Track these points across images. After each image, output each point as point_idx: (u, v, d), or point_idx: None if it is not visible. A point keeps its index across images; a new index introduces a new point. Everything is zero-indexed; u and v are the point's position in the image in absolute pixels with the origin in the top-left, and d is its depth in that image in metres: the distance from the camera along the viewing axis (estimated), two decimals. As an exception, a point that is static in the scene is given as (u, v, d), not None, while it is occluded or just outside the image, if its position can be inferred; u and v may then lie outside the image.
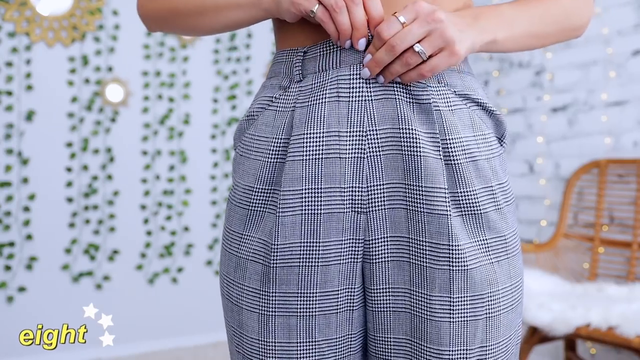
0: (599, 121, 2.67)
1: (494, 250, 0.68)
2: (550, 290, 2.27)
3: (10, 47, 2.82)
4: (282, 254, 0.67)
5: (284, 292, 0.68)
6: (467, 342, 0.66)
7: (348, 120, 0.66)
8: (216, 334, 3.34)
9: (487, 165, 0.69)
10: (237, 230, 0.72)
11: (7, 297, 2.78)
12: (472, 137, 0.69)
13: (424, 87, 0.67)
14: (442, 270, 0.65)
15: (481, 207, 0.67)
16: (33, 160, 2.86)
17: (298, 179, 0.66)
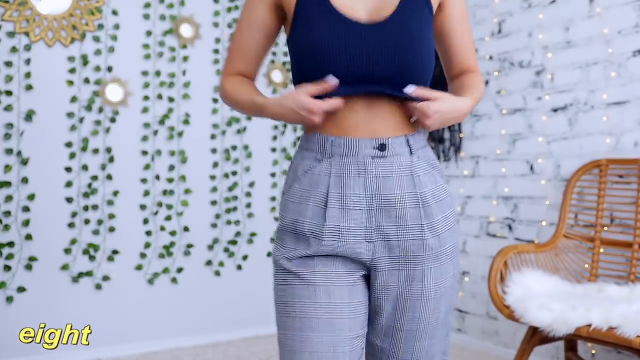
0: (600, 121, 2.67)
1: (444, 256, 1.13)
2: (550, 291, 2.27)
3: (9, 46, 2.81)
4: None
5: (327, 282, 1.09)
6: (435, 310, 1.11)
7: (365, 187, 1.07)
8: (216, 334, 3.34)
9: (445, 202, 1.13)
10: (289, 245, 1.11)
11: (6, 297, 2.78)
12: (435, 187, 1.11)
13: (408, 162, 1.09)
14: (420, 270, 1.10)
15: (439, 230, 1.11)
16: (32, 160, 2.86)
17: (336, 218, 1.07)
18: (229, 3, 3.43)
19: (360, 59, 1.03)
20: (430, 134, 3.54)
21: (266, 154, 3.54)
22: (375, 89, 1.05)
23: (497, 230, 3.14)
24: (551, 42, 2.89)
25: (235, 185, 3.41)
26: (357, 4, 1.08)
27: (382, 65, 1.03)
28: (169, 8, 3.23)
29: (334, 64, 1.03)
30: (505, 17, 3.14)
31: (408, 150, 1.09)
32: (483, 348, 3.16)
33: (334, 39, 1.03)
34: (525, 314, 2.07)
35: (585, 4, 2.74)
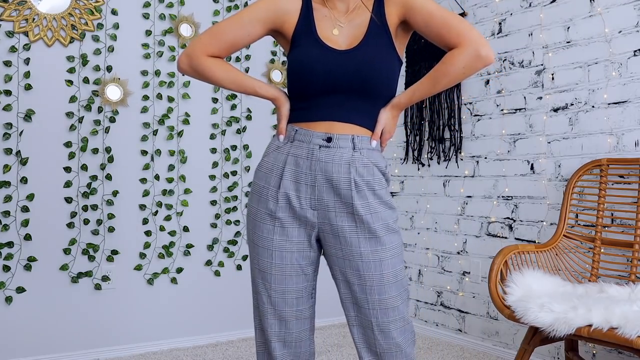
0: (600, 121, 2.66)
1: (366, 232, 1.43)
2: (551, 291, 2.26)
3: (8, 46, 2.81)
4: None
5: (282, 239, 1.46)
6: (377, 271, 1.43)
7: (311, 168, 1.43)
8: (215, 334, 3.33)
9: (379, 192, 1.44)
10: (254, 205, 1.49)
11: (5, 298, 2.77)
12: (372, 178, 1.44)
13: (349, 155, 1.43)
14: (355, 237, 1.42)
15: (372, 209, 1.42)
16: (32, 160, 2.85)
17: (287, 187, 1.44)
18: (229, 2, 3.42)
19: (333, 75, 1.41)
20: (430, 134, 3.54)
21: (266, 154, 3.53)
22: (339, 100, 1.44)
23: (497, 230, 3.13)
24: (552, 41, 2.88)
25: (235, 185, 3.41)
26: (336, 38, 1.46)
27: (348, 79, 1.41)
28: (169, 7, 3.22)
29: (315, 77, 1.42)
30: (505, 16, 3.13)
31: (351, 146, 1.43)
32: (483, 348, 3.15)
33: (316, 60, 1.42)
34: (525, 314, 2.07)
35: (585, 4, 2.74)
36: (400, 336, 1.42)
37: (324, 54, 1.43)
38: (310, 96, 1.44)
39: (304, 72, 1.43)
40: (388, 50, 1.45)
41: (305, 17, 1.48)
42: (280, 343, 1.48)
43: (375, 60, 1.41)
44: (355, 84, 1.41)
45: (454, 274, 3.39)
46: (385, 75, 1.43)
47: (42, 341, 2.85)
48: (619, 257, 2.47)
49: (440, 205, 3.50)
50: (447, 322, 3.42)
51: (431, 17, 1.40)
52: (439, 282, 3.49)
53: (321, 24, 1.48)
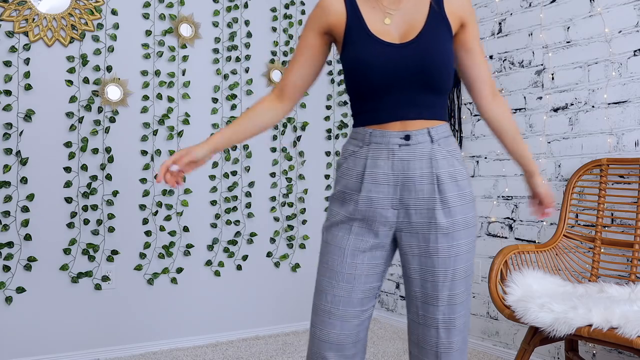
0: (601, 121, 2.66)
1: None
2: (551, 291, 2.26)
3: (8, 46, 2.81)
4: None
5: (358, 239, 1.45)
6: (452, 267, 1.41)
7: (393, 168, 1.40)
8: (215, 334, 3.33)
9: (461, 182, 1.43)
10: (335, 209, 1.48)
11: (5, 298, 2.77)
12: (453, 169, 1.42)
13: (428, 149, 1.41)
14: (434, 234, 1.40)
15: (451, 204, 1.40)
16: (32, 160, 2.85)
17: (369, 191, 1.42)
18: (229, 2, 3.42)
19: (393, 70, 1.38)
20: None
21: (266, 154, 3.53)
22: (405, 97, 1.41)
23: (497, 230, 3.13)
24: (552, 41, 2.88)
25: (235, 185, 3.41)
26: (389, 28, 1.42)
27: (411, 74, 1.37)
28: (169, 7, 3.22)
29: (373, 74, 1.38)
30: (505, 16, 3.13)
31: (429, 139, 1.40)
32: (483, 348, 3.15)
33: (372, 56, 1.39)
34: (525, 314, 2.07)
35: (585, 4, 2.74)
36: (459, 335, 1.42)
37: (380, 49, 1.39)
38: (373, 95, 1.41)
39: (360, 71, 1.40)
40: (447, 41, 1.43)
41: (352, 13, 1.44)
42: (332, 353, 1.43)
43: (435, 52, 1.39)
44: (418, 78, 1.38)
45: (454, 274, 3.39)
46: (446, 66, 1.40)
47: (42, 341, 2.85)
48: (619, 257, 2.47)
49: (440, 205, 3.49)
50: (447, 322, 3.42)
51: (475, 50, 1.48)
52: (439, 282, 3.48)
53: (370, 16, 1.43)
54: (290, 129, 3.62)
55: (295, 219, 3.62)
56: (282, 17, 3.61)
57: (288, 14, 3.63)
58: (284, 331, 3.55)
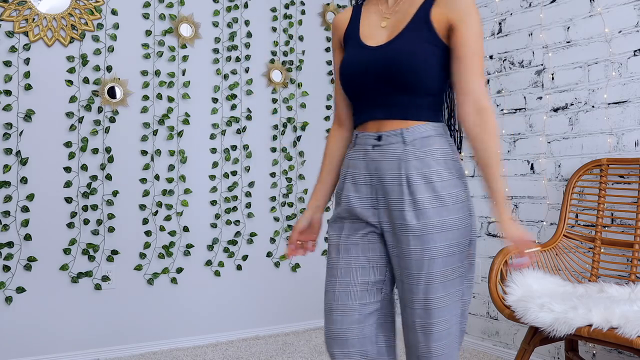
0: (601, 121, 2.66)
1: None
2: (551, 291, 2.26)
3: (8, 46, 2.81)
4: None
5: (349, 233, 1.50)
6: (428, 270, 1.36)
7: (367, 168, 1.43)
8: (215, 334, 3.33)
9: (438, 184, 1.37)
10: (334, 209, 1.54)
11: (5, 298, 2.77)
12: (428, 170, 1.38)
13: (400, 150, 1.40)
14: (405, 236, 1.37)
15: (422, 206, 1.36)
16: (32, 160, 2.85)
17: (348, 190, 1.46)
18: (229, 2, 3.42)
19: (366, 72, 1.41)
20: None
21: (266, 154, 3.53)
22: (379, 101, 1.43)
23: (497, 230, 3.13)
24: (552, 41, 2.88)
25: (235, 185, 3.41)
26: (374, 35, 1.46)
27: (380, 74, 1.39)
28: (169, 7, 3.22)
29: (352, 77, 1.44)
30: (505, 16, 3.13)
31: (401, 140, 1.39)
32: (483, 348, 3.15)
33: (350, 60, 1.46)
34: (525, 314, 2.07)
35: (585, 4, 2.74)
36: (439, 341, 1.37)
37: (360, 53, 1.43)
38: (356, 98, 1.46)
39: (343, 75, 1.46)
40: (426, 43, 1.39)
41: (352, 23, 1.52)
42: (337, 349, 1.43)
43: (407, 53, 1.37)
44: (387, 78, 1.38)
45: (454, 274, 3.39)
46: (419, 67, 1.37)
47: (42, 341, 2.85)
48: (619, 257, 2.47)
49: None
50: (447, 322, 3.42)
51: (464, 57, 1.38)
52: (439, 282, 3.48)
53: (367, 21, 1.49)
54: (290, 129, 3.62)
55: (295, 219, 3.62)
56: (282, 17, 3.61)
57: (288, 14, 3.63)
58: (284, 331, 3.55)
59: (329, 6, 3.76)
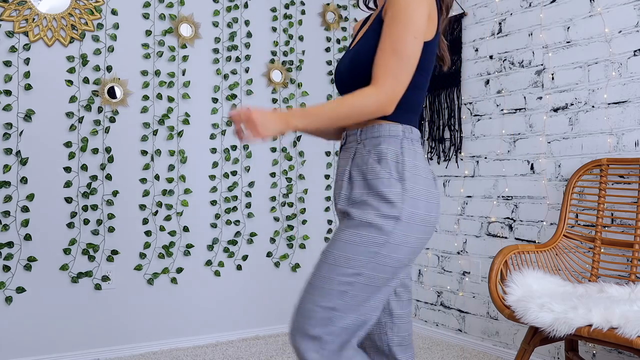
0: (601, 121, 2.66)
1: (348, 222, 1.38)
2: (551, 291, 2.26)
3: (8, 46, 2.81)
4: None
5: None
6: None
7: (337, 167, 1.48)
8: (215, 334, 3.33)
9: (372, 182, 1.35)
10: None
11: (5, 298, 2.77)
12: (365, 167, 1.38)
13: (354, 149, 1.43)
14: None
15: (356, 200, 1.37)
16: (32, 160, 2.85)
17: (334, 187, 1.48)
18: (229, 2, 3.42)
19: (338, 73, 1.51)
20: (430, 134, 3.54)
21: (266, 154, 3.53)
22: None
23: (497, 230, 3.13)
24: (552, 41, 2.88)
25: (235, 185, 3.41)
26: (356, 41, 1.50)
27: (342, 76, 1.47)
28: (169, 7, 3.22)
29: (335, 79, 1.53)
30: (505, 16, 3.13)
31: (357, 139, 1.43)
32: (483, 348, 3.15)
33: (339, 63, 1.53)
34: (525, 314, 2.07)
35: (585, 4, 2.74)
36: (296, 314, 1.35)
37: (342, 57, 1.53)
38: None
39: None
40: (374, 41, 1.40)
41: (360, 28, 1.61)
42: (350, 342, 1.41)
43: (362, 52, 1.40)
44: (348, 79, 1.44)
45: (454, 274, 3.39)
46: (361, 66, 1.39)
47: (42, 341, 2.85)
48: (619, 257, 2.47)
49: (440, 205, 3.50)
50: (447, 322, 3.42)
51: (386, 27, 1.34)
52: (439, 282, 3.49)
53: (365, 26, 1.55)
54: (290, 129, 3.62)
55: (295, 219, 3.62)
56: (282, 17, 3.61)
57: (288, 14, 3.63)
58: (284, 331, 3.55)
59: (329, 6, 3.76)
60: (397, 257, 1.33)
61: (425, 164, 1.41)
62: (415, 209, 1.33)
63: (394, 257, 1.33)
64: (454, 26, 3.41)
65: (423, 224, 1.35)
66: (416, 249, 1.37)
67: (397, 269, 1.35)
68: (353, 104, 1.32)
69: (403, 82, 1.33)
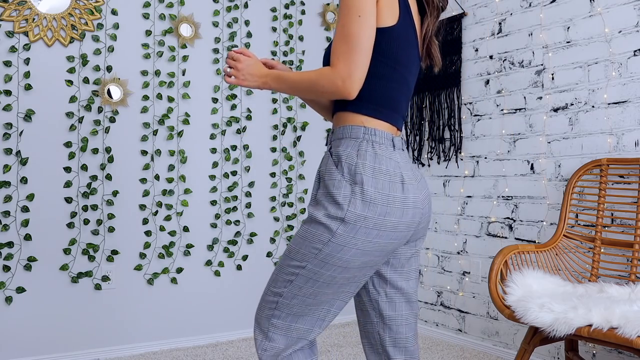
0: (601, 121, 2.66)
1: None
2: (551, 291, 2.26)
3: (8, 46, 2.81)
4: None
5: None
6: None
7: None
8: (216, 334, 3.33)
9: (328, 181, 1.37)
10: None
11: (5, 298, 2.77)
12: (324, 168, 1.40)
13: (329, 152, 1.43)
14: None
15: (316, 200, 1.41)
16: (32, 160, 2.85)
17: None
18: (229, 2, 3.42)
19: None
20: (430, 134, 3.54)
21: (266, 154, 3.53)
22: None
23: (497, 230, 3.13)
24: (552, 41, 2.88)
25: (235, 185, 3.41)
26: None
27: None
28: (169, 7, 3.22)
29: None
30: (505, 16, 3.13)
31: (329, 140, 1.46)
32: (483, 348, 3.15)
33: None
34: (525, 314, 2.07)
35: (585, 4, 2.74)
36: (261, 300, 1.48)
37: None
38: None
39: None
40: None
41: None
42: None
43: (330, 44, 1.42)
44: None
45: (454, 274, 3.39)
46: (325, 64, 1.46)
47: (42, 341, 2.85)
48: (619, 257, 2.47)
49: (440, 205, 3.50)
50: (447, 322, 3.42)
51: (336, 21, 1.38)
52: (439, 282, 3.49)
53: None
54: (290, 129, 3.62)
55: (295, 219, 3.62)
56: (282, 17, 3.61)
57: (288, 14, 3.63)
58: (284, 331, 3.54)
59: (329, 6, 3.76)
60: (342, 257, 1.34)
61: (391, 167, 1.36)
62: (365, 212, 1.31)
63: (337, 257, 1.34)
64: (454, 26, 3.41)
65: (376, 227, 1.33)
66: (369, 251, 1.35)
67: (345, 269, 1.36)
68: (310, 78, 1.38)
69: (356, 63, 1.31)
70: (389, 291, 1.51)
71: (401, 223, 1.36)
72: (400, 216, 1.35)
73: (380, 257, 1.39)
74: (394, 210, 1.34)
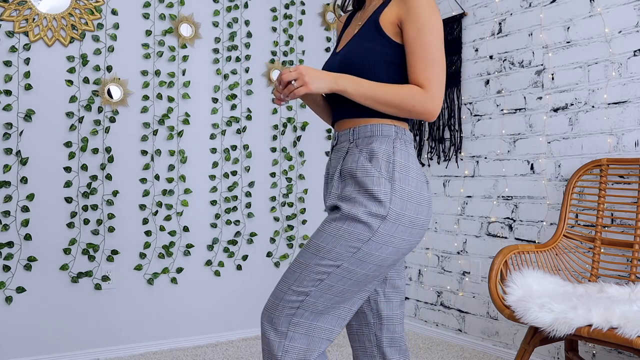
0: (600, 121, 2.66)
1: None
2: (551, 291, 2.26)
3: (8, 46, 2.81)
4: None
5: None
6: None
7: (327, 168, 1.54)
8: (215, 334, 3.33)
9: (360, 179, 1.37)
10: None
11: (5, 298, 2.77)
12: (355, 165, 1.39)
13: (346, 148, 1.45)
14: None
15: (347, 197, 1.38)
16: (32, 160, 2.85)
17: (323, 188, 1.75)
18: (229, 2, 3.42)
19: None
20: (430, 134, 3.54)
21: (266, 154, 3.53)
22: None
23: (497, 230, 3.13)
24: (552, 41, 2.88)
25: (235, 185, 3.41)
26: (344, 42, 1.55)
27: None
28: (169, 7, 3.22)
29: None
30: (505, 16, 3.13)
31: (349, 139, 1.45)
32: (483, 348, 3.15)
33: (325, 65, 1.57)
34: (525, 314, 2.07)
35: (585, 4, 2.74)
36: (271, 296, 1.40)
37: (330, 60, 1.55)
38: (328, 100, 1.55)
39: None
40: (370, 43, 1.43)
41: (342, 31, 1.66)
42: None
43: (355, 53, 1.43)
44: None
45: (454, 274, 3.39)
46: (356, 65, 1.42)
47: (42, 341, 2.85)
48: (619, 257, 2.47)
49: (440, 205, 3.50)
50: (447, 322, 3.42)
51: (415, 40, 1.37)
52: (439, 282, 3.49)
53: (349, 30, 1.59)
54: (290, 129, 3.62)
55: (295, 219, 3.62)
56: (282, 17, 3.61)
57: (288, 14, 3.63)
58: (284, 331, 3.54)
59: (329, 6, 3.76)
60: (380, 255, 1.34)
61: (418, 166, 1.41)
62: (403, 210, 1.34)
63: (375, 255, 1.34)
64: (454, 26, 3.41)
65: (410, 226, 1.35)
66: (401, 249, 1.37)
67: (379, 267, 1.37)
68: (399, 94, 1.36)
69: (444, 90, 1.40)
70: (388, 291, 1.53)
71: (427, 222, 1.40)
72: (427, 214, 1.39)
73: (404, 256, 1.42)
74: (424, 208, 1.38)
